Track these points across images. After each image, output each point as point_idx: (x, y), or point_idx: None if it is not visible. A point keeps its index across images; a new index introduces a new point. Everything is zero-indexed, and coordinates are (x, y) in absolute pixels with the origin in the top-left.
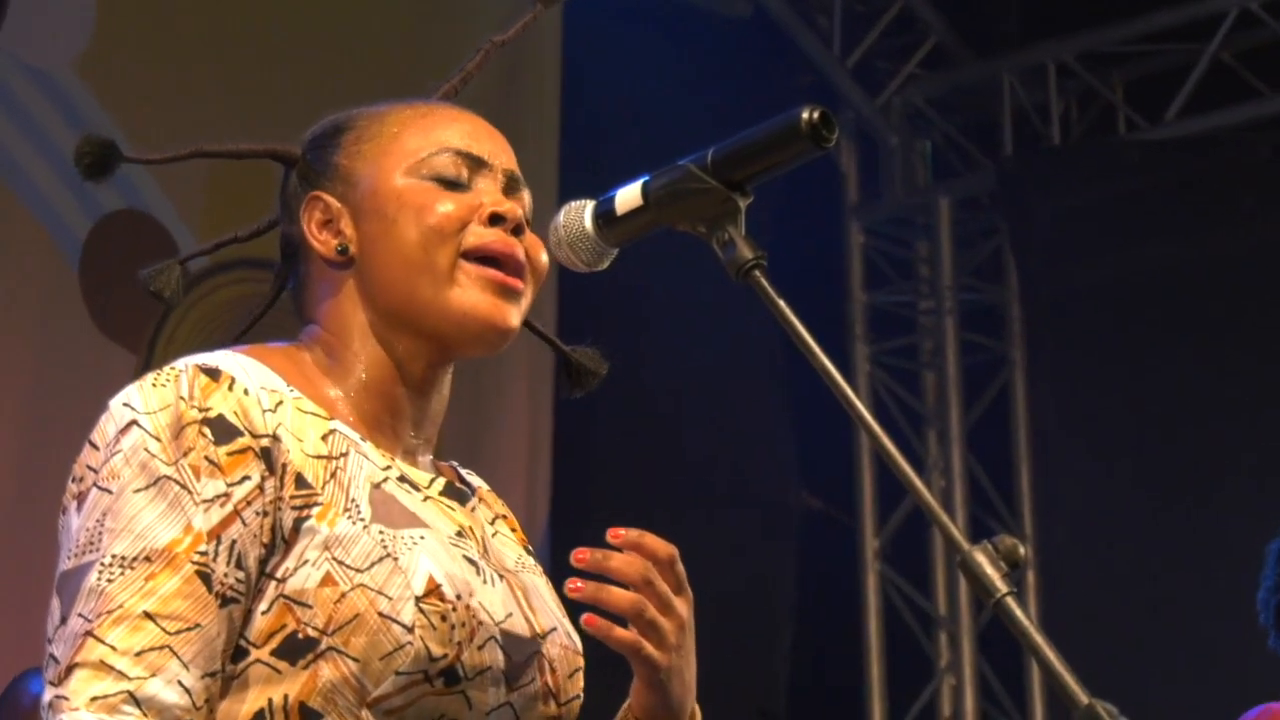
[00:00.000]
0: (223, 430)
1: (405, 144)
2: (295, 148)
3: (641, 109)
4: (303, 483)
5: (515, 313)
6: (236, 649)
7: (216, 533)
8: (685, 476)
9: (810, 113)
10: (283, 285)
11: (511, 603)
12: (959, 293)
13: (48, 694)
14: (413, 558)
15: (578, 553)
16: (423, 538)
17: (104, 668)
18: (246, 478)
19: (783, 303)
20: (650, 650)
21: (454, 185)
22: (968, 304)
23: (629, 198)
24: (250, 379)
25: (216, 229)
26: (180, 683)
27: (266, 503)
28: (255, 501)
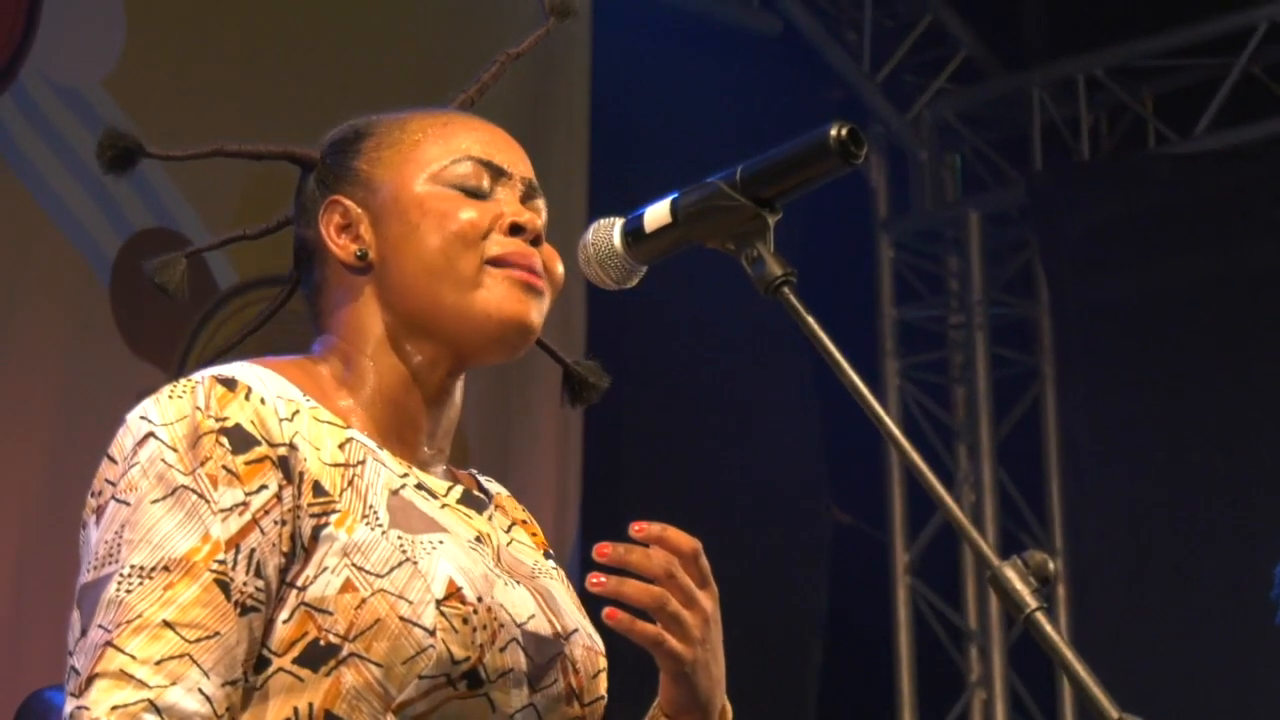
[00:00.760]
0: (240, 439)
1: (426, 151)
2: (314, 151)
3: (670, 125)
4: (320, 490)
5: (537, 310)
6: (259, 659)
7: (235, 541)
8: (715, 492)
9: (839, 129)
10: (294, 289)
11: (532, 604)
12: (989, 307)
13: (69, 705)
14: (432, 561)
15: (599, 547)
16: (442, 542)
17: (124, 677)
18: (264, 487)
19: (812, 319)
20: (674, 644)
21: (475, 194)
22: (998, 318)
23: (658, 215)
24: (267, 389)
25: (245, 248)
26: (201, 690)
27: (285, 511)
28: (273, 510)
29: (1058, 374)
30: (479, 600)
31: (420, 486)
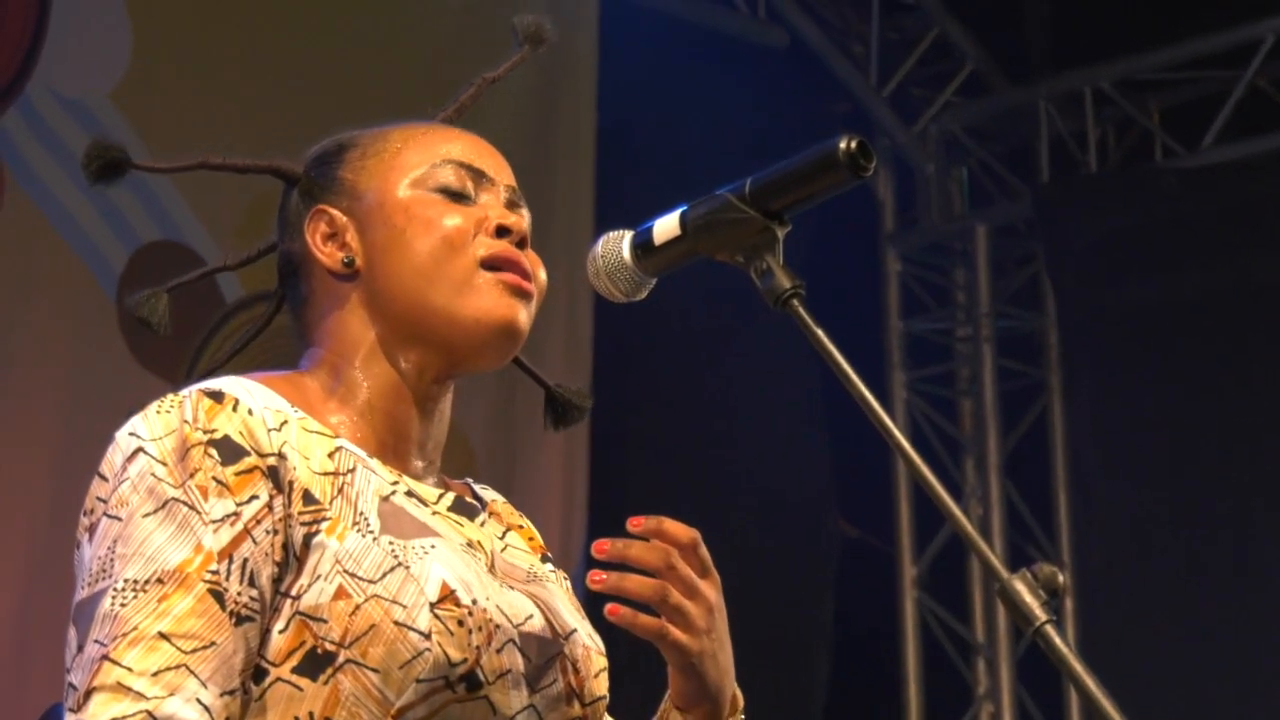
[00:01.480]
0: (229, 451)
1: (409, 158)
2: (297, 166)
3: (677, 139)
4: (310, 499)
5: (525, 314)
6: (257, 670)
7: (228, 552)
8: (722, 503)
9: (848, 142)
10: (279, 305)
11: (529, 606)
12: (996, 319)
13: None
14: (425, 565)
15: (598, 544)
16: (434, 546)
17: (121, 689)
18: (255, 497)
19: (820, 331)
20: (678, 635)
21: (459, 197)
22: (1005, 331)
23: (667, 227)
24: (254, 400)
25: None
26: (199, 700)
27: (276, 521)
28: (265, 520)
29: (1065, 386)
30: (474, 602)
31: (411, 494)
